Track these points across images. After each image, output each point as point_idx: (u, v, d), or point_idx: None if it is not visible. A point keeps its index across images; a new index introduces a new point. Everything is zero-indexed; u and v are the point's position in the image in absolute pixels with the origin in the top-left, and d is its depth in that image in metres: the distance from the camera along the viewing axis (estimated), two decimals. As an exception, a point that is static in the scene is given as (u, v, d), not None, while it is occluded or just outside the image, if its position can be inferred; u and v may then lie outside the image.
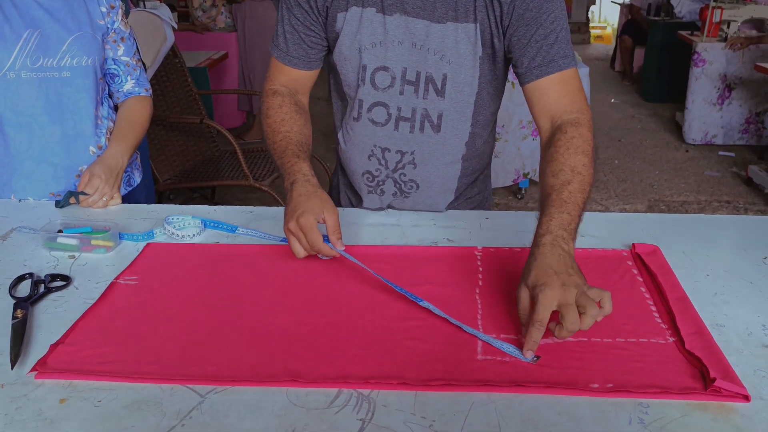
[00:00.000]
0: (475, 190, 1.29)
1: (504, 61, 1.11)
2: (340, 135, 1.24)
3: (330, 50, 1.15)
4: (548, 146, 1.00)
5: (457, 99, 1.11)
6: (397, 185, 1.21)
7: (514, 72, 1.10)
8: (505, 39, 1.06)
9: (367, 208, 1.25)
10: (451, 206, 1.26)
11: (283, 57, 1.15)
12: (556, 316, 0.81)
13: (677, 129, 4.87)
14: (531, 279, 0.83)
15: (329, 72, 1.21)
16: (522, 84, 1.07)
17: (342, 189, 1.33)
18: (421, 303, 0.88)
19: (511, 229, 1.16)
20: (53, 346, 0.82)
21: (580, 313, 0.79)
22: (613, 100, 5.93)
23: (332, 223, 0.98)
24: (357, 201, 1.29)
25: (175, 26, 2.93)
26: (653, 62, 5.70)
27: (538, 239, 0.88)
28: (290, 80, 1.18)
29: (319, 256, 1.00)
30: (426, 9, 1.04)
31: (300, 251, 0.98)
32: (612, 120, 5.30)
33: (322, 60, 1.18)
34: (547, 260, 0.84)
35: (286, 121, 1.13)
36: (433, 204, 1.24)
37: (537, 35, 1.02)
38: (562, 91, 1.03)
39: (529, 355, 0.79)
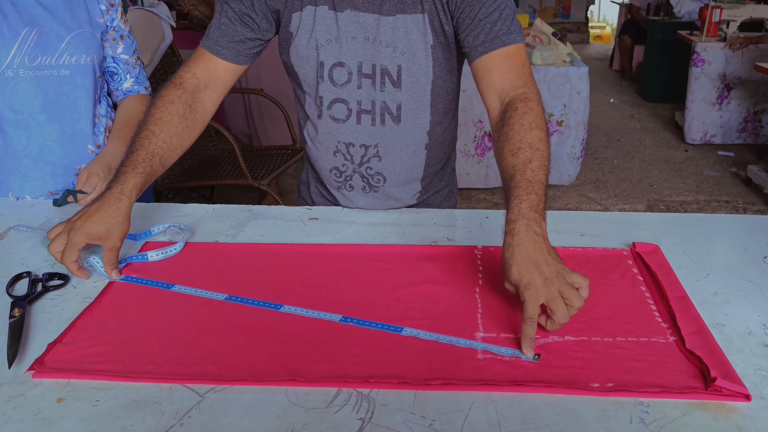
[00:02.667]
0: (443, 183, 1.32)
1: (457, 47, 1.12)
2: (305, 133, 1.25)
3: (283, 51, 1.15)
4: (501, 125, 1.00)
5: (414, 89, 1.13)
6: (365, 179, 1.22)
7: (462, 53, 1.11)
8: (453, 23, 1.08)
9: (344, 206, 1.26)
10: (421, 199, 1.28)
11: (212, 46, 1.11)
12: (544, 307, 0.82)
13: (676, 129, 4.88)
14: (513, 276, 0.83)
15: (289, 75, 1.20)
16: (469, 64, 1.08)
17: (312, 183, 1.34)
18: (402, 332, 0.85)
19: (511, 228, 1.15)
20: (51, 345, 0.82)
21: (566, 305, 0.81)
22: (612, 100, 5.93)
23: (106, 258, 0.98)
24: (329, 194, 1.30)
25: (174, 24, 2.93)
26: (653, 62, 5.71)
27: (511, 225, 0.87)
28: (209, 70, 1.12)
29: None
30: (375, 3, 1.06)
31: (54, 251, 0.97)
32: (611, 120, 5.30)
33: (250, 59, 1.14)
34: (524, 251, 0.83)
35: (162, 122, 1.05)
36: (403, 197, 1.25)
37: (480, 14, 1.03)
38: (506, 66, 1.04)
39: (529, 354, 0.79)
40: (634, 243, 1.08)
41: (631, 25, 6.55)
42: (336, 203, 1.29)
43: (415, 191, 1.26)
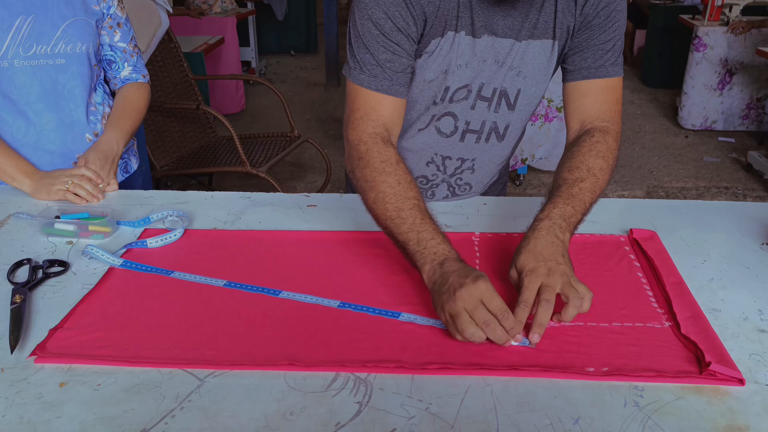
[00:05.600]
0: (502, 170, 1.32)
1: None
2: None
3: None
4: (572, 145, 1.04)
5: (526, 111, 1.13)
6: (451, 188, 1.22)
7: (561, 67, 1.10)
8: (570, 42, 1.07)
9: None
10: (484, 190, 1.28)
11: (387, 86, 1.01)
12: (559, 307, 0.83)
13: (677, 115, 4.86)
14: (519, 262, 0.86)
15: None
16: (565, 80, 1.08)
17: None
18: (400, 318, 0.86)
19: (509, 214, 1.16)
20: (52, 331, 0.83)
21: (563, 303, 0.83)
22: (613, 86, 5.90)
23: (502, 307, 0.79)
24: None
25: (170, 10, 2.91)
26: (654, 47, 5.68)
27: (536, 223, 0.90)
28: (393, 115, 1.03)
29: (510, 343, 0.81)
30: (514, 29, 1.03)
31: (502, 336, 0.79)
32: (612, 105, 5.28)
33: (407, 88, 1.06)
34: (539, 246, 0.86)
35: (411, 185, 0.95)
36: (473, 195, 1.26)
37: (596, 40, 1.04)
38: (601, 97, 1.05)
39: (518, 339, 0.80)
40: (631, 229, 1.09)
41: (632, 9, 6.51)
42: None
43: (485, 189, 1.27)
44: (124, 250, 1.04)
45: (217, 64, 4.50)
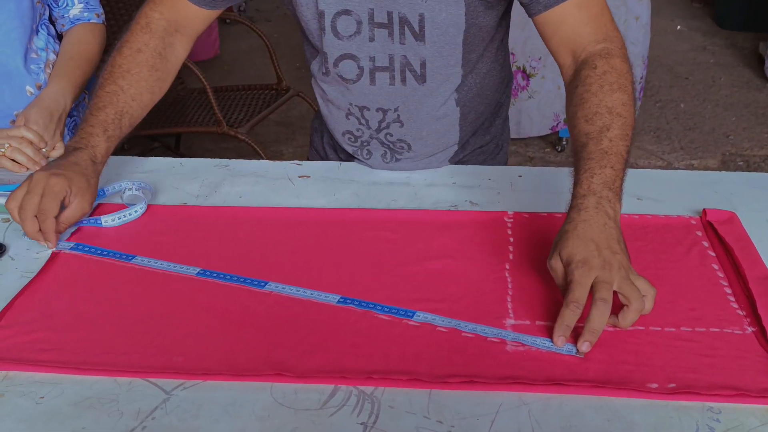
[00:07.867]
0: (487, 137, 1.30)
1: None
2: (315, 90, 1.26)
3: None
4: (575, 85, 1.02)
5: (441, 42, 1.10)
6: (385, 146, 1.22)
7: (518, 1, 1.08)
8: None
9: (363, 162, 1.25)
10: (455, 160, 1.27)
11: None
12: (616, 308, 0.82)
13: (760, 64, 4.81)
14: (567, 250, 0.85)
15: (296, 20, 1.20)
16: (530, 15, 1.06)
17: (326, 135, 1.34)
18: (414, 318, 0.86)
19: (550, 189, 1.16)
20: (-17, 331, 0.83)
21: (622, 305, 0.82)
22: (678, 27, 5.85)
23: (71, 213, 1.01)
24: (345, 156, 1.29)
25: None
26: (732, -22, 5.59)
27: (578, 200, 0.89)
28: (177, 13, 1.17)
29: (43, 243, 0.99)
30: None
31: (30, 230, 0.97)
32: (677, 52, 5.23)
33: (226, 3, 1.18)
34: (588, 229, 0.86)
35: (130, 75, 1.12)
36: (434, 162, 1.25)
37: None
38: (581, 17, 1.03)
39: (561, 342, 0.80)
40: (704, 209, 1.08)
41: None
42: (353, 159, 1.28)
43: (450, 156, 1.25)
44: (74, 229, 1.04)
45: None
